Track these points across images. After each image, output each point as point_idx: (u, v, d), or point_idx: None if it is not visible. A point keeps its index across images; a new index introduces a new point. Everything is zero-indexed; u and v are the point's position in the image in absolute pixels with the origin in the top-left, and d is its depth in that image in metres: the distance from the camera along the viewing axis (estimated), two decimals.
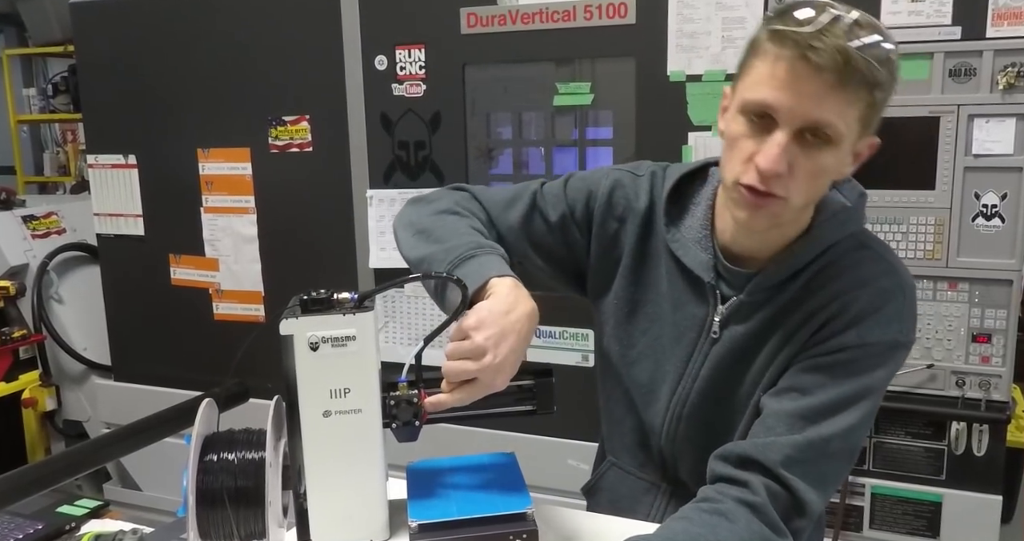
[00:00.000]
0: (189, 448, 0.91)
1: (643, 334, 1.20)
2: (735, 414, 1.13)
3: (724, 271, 1.13)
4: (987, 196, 1.84)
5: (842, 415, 1.02)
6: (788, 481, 1.00)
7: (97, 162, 2.82)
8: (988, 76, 1.79)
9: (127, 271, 2.84)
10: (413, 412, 0.95)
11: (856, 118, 0.96)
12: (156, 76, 2.64)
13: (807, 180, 0.98)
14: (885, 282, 1.06)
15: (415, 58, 2.26)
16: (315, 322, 0.89)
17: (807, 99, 0.93)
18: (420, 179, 2.33)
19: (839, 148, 0.97)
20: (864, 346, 1.03)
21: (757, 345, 1.11)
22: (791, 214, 1.03)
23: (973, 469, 1.92)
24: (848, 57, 0.91)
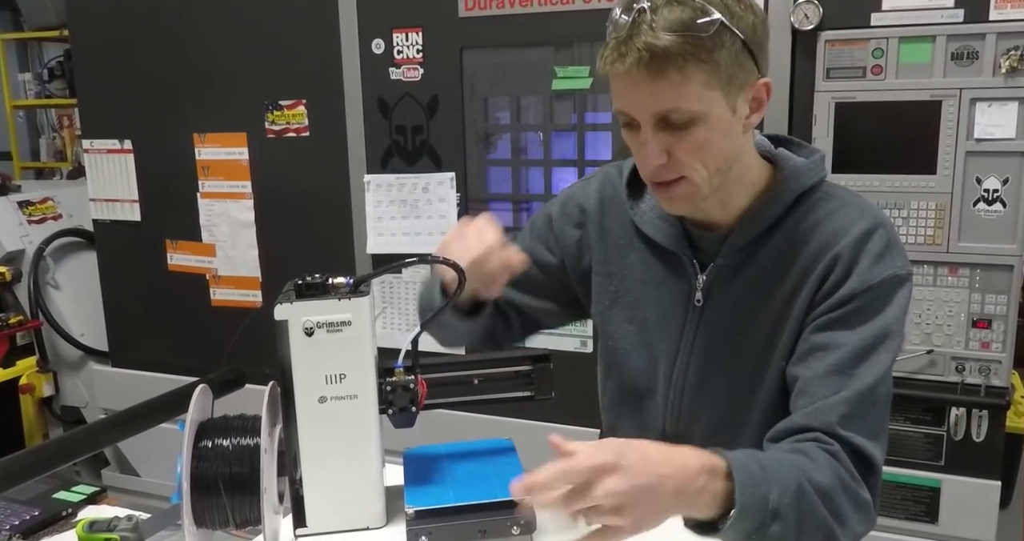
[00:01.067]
0: (183, 435, 0.91)
1: (629, 322, 1.20)
2: (740, 385, 1.13)
3: (695, 239, 1.14)
4: (988, 181, 1.82)
5: (873, 359, 1.03)
6: (849, 439, 1.01)
7: (93, 147, 2.80)
8: (991, 60, 1.77)
9: (124, 257, 2.83)
10: (410, 398, 0.94)
11: (703, 88, 0.97)
12: (152, 60, 2.62)
13: (694, 156, 1.01)
14: (863, 224, 1.07)
15: (412, 42, 2.24)
16: (310, 307, 0.88)
17: (640, 98, 0.98)
18: (417, 164, 2.31)
19: (706, 119, 0.99)
20: (869, 289, 1.04)
21: (748, 309, 1.11)
22: (708, 187, 1.05)
23: (972, 455, 1.92)
24: (653, 49, 0.94)
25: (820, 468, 0.99)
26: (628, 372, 1.22)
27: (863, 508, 1.01)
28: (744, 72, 1.00)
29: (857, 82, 1.87)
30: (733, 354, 1.13)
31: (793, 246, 1.09)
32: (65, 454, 1.31)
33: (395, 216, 2.34)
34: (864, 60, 1.86)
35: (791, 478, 0.97)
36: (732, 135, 1.03)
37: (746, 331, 1.12)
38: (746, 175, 1.10)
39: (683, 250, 1.15)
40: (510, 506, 0.90)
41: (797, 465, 1.00)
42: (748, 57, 0.99)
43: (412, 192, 2.32)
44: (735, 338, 1.12)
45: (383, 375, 0.95)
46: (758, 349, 1.11)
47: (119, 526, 0.94)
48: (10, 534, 1.32)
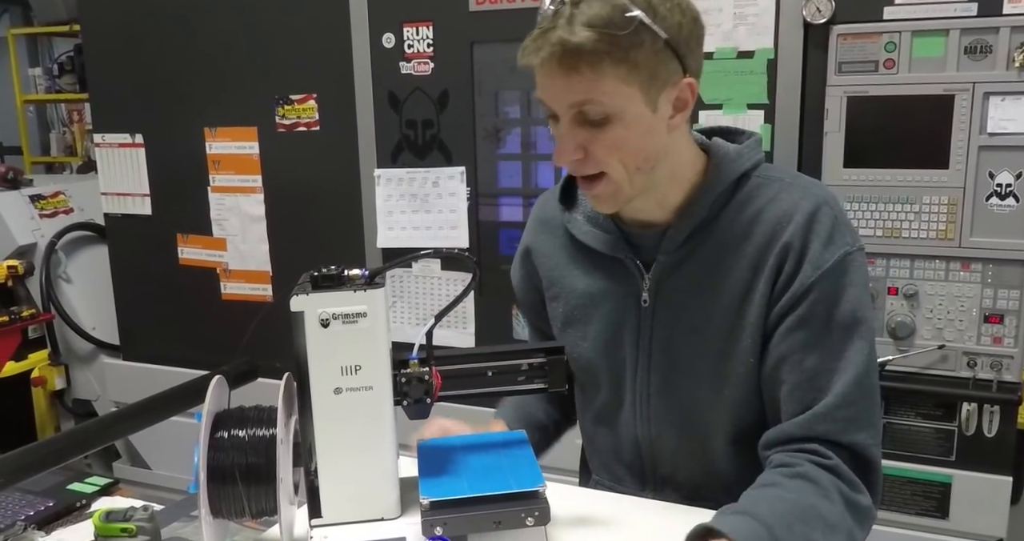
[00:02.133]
0: (199, 425, 0.91)
1: (582, 339, 1.20)
2: (704, 383, 1.12)
3: (634, 238, 1.14)
4: (1001, 175, 1.81)
5: (851, 350, 1.03)
6: (850, 445, 1.02)
7: (104, 141, 2.81)
8: (1004, 53, 1.76)
9: (135, 251, 2.84)
10: (424, 389, 0.94)
11: (618, 84, 0.97)
12: (163, 54, 2.63)
13: (612, 153, 1.01)
14: (806, 205, 1.06)
15: (423, 36, 2.24)
16: (326, 298, 0.88)
17: (555, 92, 0.99)
18: (428, 158, 2.32)
19: (623, 116, 0.99)
20: (824, 275, 1.04)
21: (700, 305, 1.10)
22: (630, 186, 1.04)
23: (983, 450, 1.91)
24: (565, 44, 0.94)
25: (827, 495, 0.99)
26: (594, 388, 1.22)
27: (863, 517, 1.02)
28: (667, 71, 0.99)
29: (869, 76, 1.86)
30: (692, 352, 1.12)
31: (738, 236, 1.08)
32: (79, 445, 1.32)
33: (405, 210, 2.35)
34: (876, 54, 1.85)
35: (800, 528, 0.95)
36: (653, 134, 1.02)
37: (701, 327, 1.11)
38: (679, 172, 1.09)
39: (623, 253, 1.14)
40: (525, 497, 0.91)
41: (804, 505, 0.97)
42: (672, 56, 0.99)
43: (422, 186, 2.32)
44: (691, 336, 1.12)
45: (397, 367, 0.95)
46: (717, 345, 1.10)
47: (135, 516, 0.95)
48: (25, 524, 1.33)
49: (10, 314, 2.89)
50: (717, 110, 1.99)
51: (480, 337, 2.32)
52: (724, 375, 1.10)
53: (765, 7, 1.91)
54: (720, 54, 1.96)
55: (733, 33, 1.95)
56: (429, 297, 2.37)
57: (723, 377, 1.10)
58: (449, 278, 2.33)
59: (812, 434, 1.03)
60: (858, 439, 1.03)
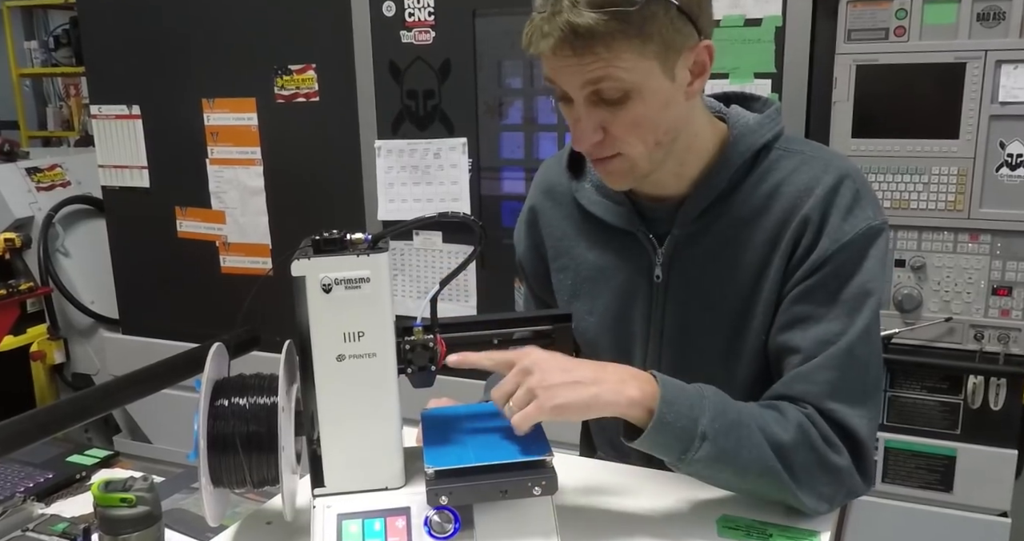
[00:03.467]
0: (199, 393, 0.89)
1: (589, 314, 1.17)
2: (717, 360, 1.10)
3: (647, 211, 1.10)
4: (1012, 145, 1.79)
5: (855, 323, 1.00)
6: (831, 412, 0.99)
7: (100, 113, 2.77)
8: (1018, 20, 1.72)
9: (133, 224, 2.81)
10: (429, 356, 0.92)
11: (636, 59, 0.92)
12: (159, 23, 2.58)
13: (629, 131, 0.97)
14: (828, 178, 1.03)
15: (424, 4, 2.20)
16: (328, 263, 0.86)
17: (568, 74, 0.95)
18: (429, 129, 2.28)
19: (641, 92, 0.95)
20: (843, 248, 1.01)
21: (715, 280, 1.07)
22: (648, 162, 1.00)
23: (989, 423, 1.90)
24: (575, 27, 0.90)
25: (785, 423, 0.97)
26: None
27: (831, 472, 0.98)
28: (682, 37, 0.95)
29: (879, 44, 1.82)
30: (705, 329, 1.09)
31: (756, 210, 1.05)
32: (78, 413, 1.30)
33: (406, 182, 2.32)
34: (887, 21, 1.81)
35: (735, 411, 0.95)
36: (673, 105, 0.98)
37: (716, 304, 1.08)
38: (696, 142, 1.06)
39: (636, 226, 1.10)
40: (532, 466, 0.89)
41: (756, 412, 0.98)
42: (685, 21, 0.94)
43: (423, 158, 2.29)
44: (705, 312, 1.09)
45: (401, 334, 0.93)
46: (732, 321, 1.07)
47: (135, 486, 0.93)
48: (24, 496, 1.32)
49: (8, 287, 2.87)
50: (723, 79, 1.96)
51: (482, 310, 2.30)
52: (737, 352, 1.08)
53: None
54: (727, 22, 1.92)
55: (741, 0, 1.91)
56: (431, 270, 2.35)
57: (736, 354, 1.08)
58: (451, 251, 2.31)
59: (789, 393, 1.01)
60: (836, 408, 0.99)
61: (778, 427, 0.96)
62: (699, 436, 0.92)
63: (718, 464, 0.94)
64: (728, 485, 1.02)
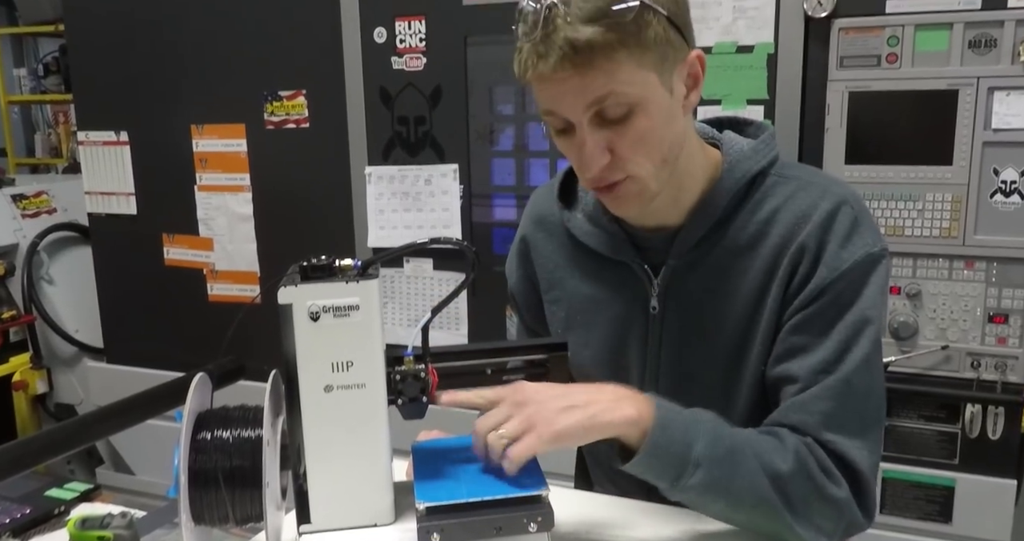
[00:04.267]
0: (180, 425, 0.86)
1: (584, 347, 1.14)
2: (715, 393, 1.07)
3: (641, 241, 1.08)
4: (1006, 172, 1.78)
5: (853, 351, 0.98)
6: (828, 443, 0.95)
7: (88, 139, 2.75)
8: (1009, 47, 1.73)
9: (119, 251, 2.77)
10: (420, 387, 0.89)
11: (636, 69, 0.91)
12: (149, 49, 2.57)
13: (636, 149, 0.95)
14: (825, 205, 1.01)
15: (415, 30, 2.19)
16: (316, 290, 0.83)
17: (570, 94, 0.92)
18: (420, 155, 2.27)
19: (645, 105, 0.93)
20: (841, 276, 0.98)
21: (711, 311, 1.05)
22: (656, 182, 0.98)
23: (987, 453, 1.87)
24: (574, 43, 0.88)
25: (783, 452, 0.94)
26: None
27: (830, 503, 0.95)
28: (675, 49, 0.94)
29: (872, 71, 1.82)
30: (703, 360, 1.07)
31: (752, 239, 1.03)
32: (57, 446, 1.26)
33: (397, 209, 2.30)
34: (879, 48, 1.81)
35: (730, 438, 0.92)
36: (673, 119, 0.97)
37: (713, 334, 1.05)
38: (692, 165, 1.04)
39: (630, 256, 1.08)
40: (527, 502, 0.86)
41: (754, 438, 0.95)
42: (675, 32, 0.94)
43: (414, 184, 2.27)
44: (702, 343, 1.06)
45: (391, 364, 0.90)
46: (729, 352, 1.05)
47: (113, 523, 0.89)
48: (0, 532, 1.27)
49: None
50: (716, 106, 1.95)
51: (473, 338, 2.27)
52: (736, 383, 1.05)
53: (765, 1, 1.87)
54: (719, 49, 1.92)
55: (732, 27, 1.91)
56: (421, 297, 2.32)
57: (735, 385, 1.05)
58: (442, 278, 2.28)
59: (786, 422, 0.98)
60: (833, 439, 0.96)
61: (776, 455, 0.94)
62: (693, 462, 0.89)
63: (711, 493, 0.91)
64: (722, 515, 0.98)
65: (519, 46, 0.94)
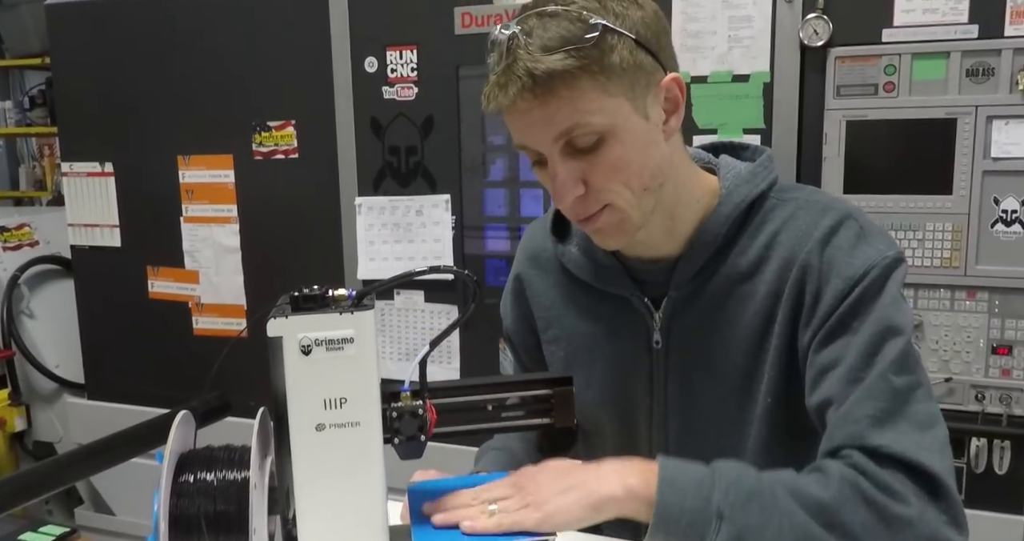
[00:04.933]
0: (161, 467, 0.80)
1: (586, 388, 1.08)
2: (726, 428, 1.01)
3: (638, 273, 1.03)
4: (1007, 201, 1.76)
5: (882, 352, 0.90)
6: (877, 445, 0.86)
7: (72, 170, 2.70)
8: (1007, 76, 1.72)
9: (102, 284, 2.71)
10: (418, 425, 0.84)
11: (602, 97, 0.87)
12: (135, 79, 2.53)
13: (611, 178, 0.91)
14: (827, 221, 0.96)
15: (407, 60, 2.17)
16: (308, 322, 0.78)
17: (537, 128, 0.89)
18: (411, 186, 2.23)
19: (616, 133, 0.89)
20: (856, 284, 0.92)
21: (718, 342, 1.00)
22: (638, 211, 0.94)
23: (994, 488, 1.83)
24: (532, 71, 0.85)
25: (825, 480, 0.85)
26: (600, 438, 1.11)
27: (899, 526, 0.82)
28: (645, 72, 0.90)
29: (869, 99, 1.81)
30: (712, 394, 1.01)
31: (754, 264, 0.98)
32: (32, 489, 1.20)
33: (387, 240, 2.25)
34: (876, 77, 1.80)
35: (752, 479, 0.85)
36: (653, 146, 0.93)
37: (720, 366, 1.00)
38: (685, 194, 0.99)
39: (628, 290, 1.04)
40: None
41: (787, 476, 0.86)
42: (645, 54, 0.90)
43: (405, 215, 2.24)
44: (710, 376, 1.01)
45: (387, 400, 0.85)
46: (739, 384, 1.00)
47: None
48: None
49: None
50: (712, 135, 1.92)
51: (466, 372, 2.22)
52: (747, 416, 1.00)
53: (761, 29, 1.86)
54: (715, 78, 1.90)
55: (728, 56, 1.89)
56: (413, 330, 2.26)
57: (747, 419, 1.00)
58: (433, 310, 2.23)
59: (832, 444, 0.89)
60: (886, 441, 0.85)
61: (816, 486, 0.85)
62: (715, 515, 0.82)
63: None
64: None
65: (486, 82, 0.91)
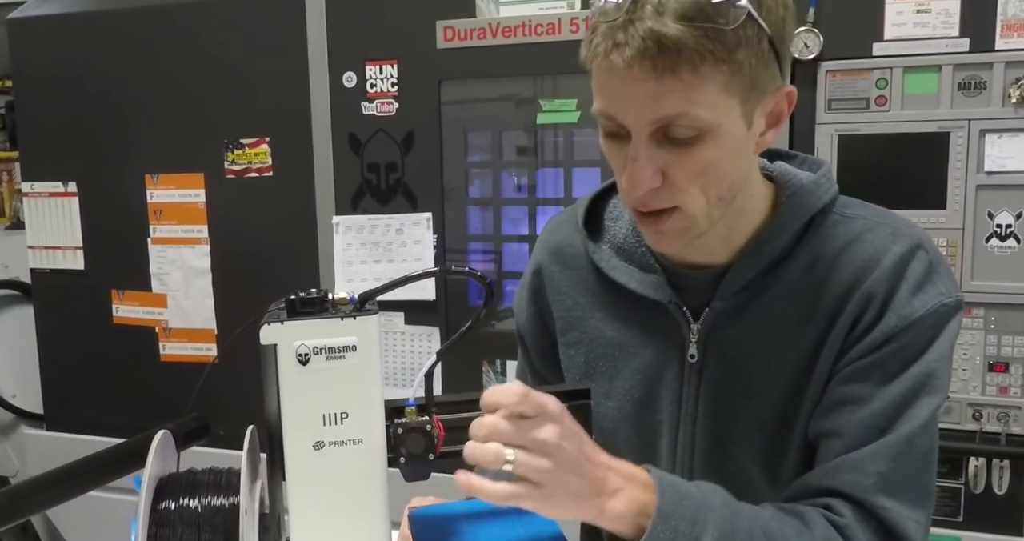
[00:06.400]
0: (139, 494, 0.72)
1: (606, 397, 1.01)
2: (760, 457, 0.94)
3: (680, 279, 0.95)
4: (1001, 215, 1.74)
5: (915, 408, 0.86)
6: (876, 508, 0.83)
7: (33, 191, 2.59)
8: (999, 89, 1.70)
9: (64, 309, 2.60)
10: (426, 444, 0.76)
11: (720, 92, 0.78)
12: (101, 95, 2.44)
13: (694, 181, 0.82)
14: (897, 248, 0.88)
15: (387, 74, 2.11)
16: (305, 328, 0.71)
17: (639, 100, 0.79)
18: (391, 204, 2.16)
19: (717, 134, 0.80)
20: (911, 326, 0.86)
21: (760, 362, 0.92)
22: (707, 221, 0.86)
23: (993, 509, 1.79)
24: (660, 38, 0.74)
25: (808, 536, 0.81)
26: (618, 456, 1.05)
27: None
28: (767, 76, 0.81)
29: (860, 113, 1.78)
30: (746, 418, 0.93)
31: (810, 283, 0.90)
32: None
33: (366, 260, 2.18)
34: (868, 91, 1.78)
35: (745, 531, 0.79)
36: (743, 156, 0.85)
37: (760, 389, 0.92)
38: (750, 203, 0.91)
39: (667, 295, 0.95)
40: None
41: (774, 526, 0.81)
42: (774, 59, 0.80)
43: (385, 234, 2.16)
44: (747, 398, 0.93)
45: (389, 416, 0.77)
46: (777, 410, 0.92)
47: None
48: None
49: None
50: None
51: None
52: (782, 446, 0.93)
53: None
54: None
55: None
56: (392, 354, 2.18)
57: (781, 449, 0.93)
58: (414, 333, 2.16)
59: (832, 484, 0.85)
60: (888, 506, 0.84)
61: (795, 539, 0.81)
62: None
63: None
64: None
65: (593, 26, 0.80)
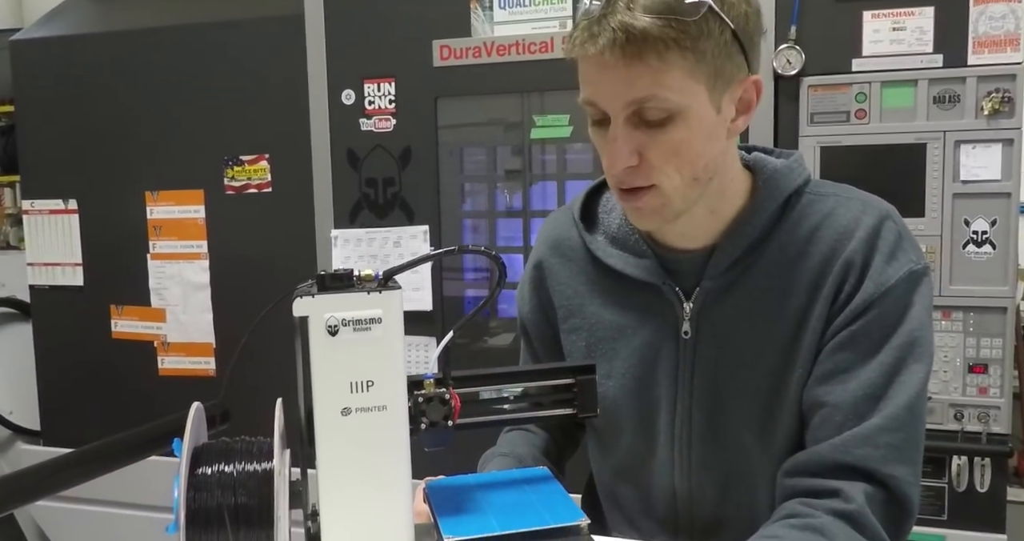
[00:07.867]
0: (179, 457, 0.77)
1: (607, 377, 1.08)
2: (754, 426, 1.00)
3: (671, 262, 1.04)
4: (977, 222, 1.81)
5: (905, 374, 0.93)
6: (888, 478, 0.90)
7: (33, 208, 2.63)
8: (972, 102, 1.79)
9: (62, 325, 2.63)
10: (445, 411, 0.82)
11: (685, 77, 0.88)
12: (102, 114, 2.50)
13: (668, 160, 0.91)
14: (868, 219, 0.97)
15: (384, 92, 2.18)
16: (335, 301, 0.76)
17: (612, 84, 0.89)
18: (388, 217, 2.22)
19: (686, 116, 0.89)
20: (887, 292, 0.94)
21: (750, 335, 1.00)
22: (682, 199, 0.95)
23: (976, 506, 1.84)
24: (628, 28, 0.85)
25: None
26: (615, 434, 1.09)
27: None
28: (732, 66, 0.91)
29: (841, 126, 1.86)
30: (740, 389, 1.00)
31: (791, 258, 0.99)
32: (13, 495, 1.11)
33: None
34: (848, 105, 1.86)
35: None
36: (714, 139, 0.94)
37: (751, 361, 1.00)
38: (730, 187, 1.01)
39: (660, 278, 1.03)
40: (565, 533, 0.78)
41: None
42: (738, 50, 0.91)
43: (383, 247, 2.22)
44: (739, 371, 1.00)
45: (411, 389, 0.83)
46: (768, 381, 0.99)
47: None
48: None
49: None
50: None
51: None
52: (774, 416, 0.99)
53: None
54: None
55: None
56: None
57: (773, 418, 0.99)
58: (411, 343, 2.20)
59: (847, 459, 0.91)
60: (899, 473, 0.91)
61: None
62: None
63: None
64: None
65: (576, 23, 0.90)
